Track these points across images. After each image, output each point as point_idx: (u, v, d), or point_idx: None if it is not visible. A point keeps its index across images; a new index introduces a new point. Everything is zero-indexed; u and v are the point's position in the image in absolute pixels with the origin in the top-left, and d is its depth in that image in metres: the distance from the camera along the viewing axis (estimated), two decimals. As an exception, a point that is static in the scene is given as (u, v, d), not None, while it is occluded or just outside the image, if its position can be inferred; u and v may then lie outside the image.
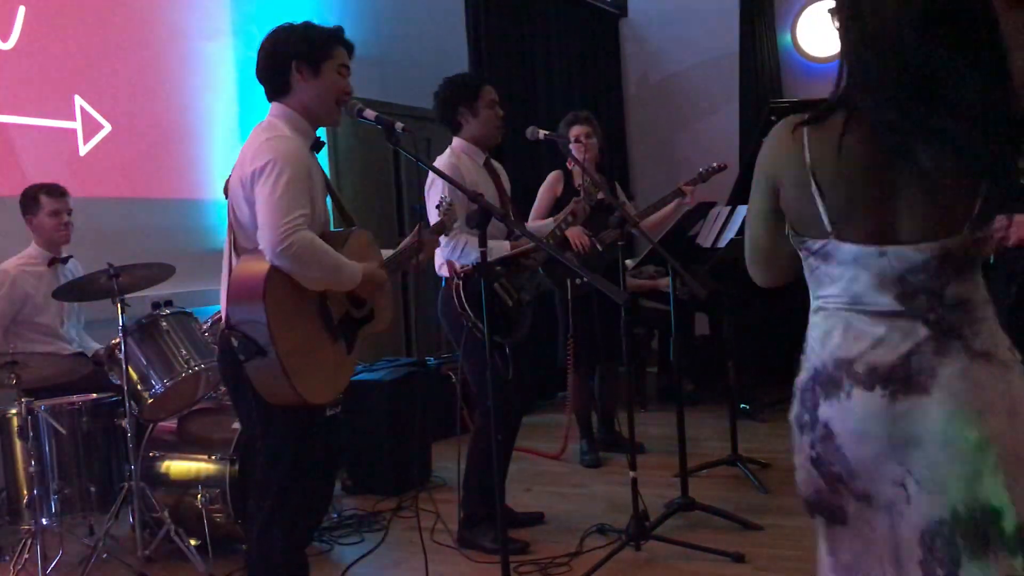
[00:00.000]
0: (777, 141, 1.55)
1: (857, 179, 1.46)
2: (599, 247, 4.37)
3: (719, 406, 5.18)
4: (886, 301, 1.48)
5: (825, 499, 1.56)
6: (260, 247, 2.49)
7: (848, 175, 1.46)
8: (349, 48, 2.78)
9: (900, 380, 1.46)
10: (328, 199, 2.81)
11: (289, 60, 2.64)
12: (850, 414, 1.49)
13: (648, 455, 4.84)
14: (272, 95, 2.70)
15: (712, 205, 5.64)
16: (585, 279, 3.55)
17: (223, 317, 2.61)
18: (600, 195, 4.02)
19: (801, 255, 1.59)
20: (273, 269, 2.47)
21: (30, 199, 4.09)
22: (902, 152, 1.42)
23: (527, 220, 4.56)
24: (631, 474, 3.50)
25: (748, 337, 5.42)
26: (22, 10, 4.61)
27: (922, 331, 1.47)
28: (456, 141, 3.79)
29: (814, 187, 1.49)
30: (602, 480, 4.65)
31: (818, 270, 1.55)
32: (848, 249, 1.49)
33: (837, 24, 1.50)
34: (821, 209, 1.49)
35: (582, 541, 3.64)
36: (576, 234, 4.41)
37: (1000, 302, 1.64)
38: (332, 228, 2.88)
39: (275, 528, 2.65)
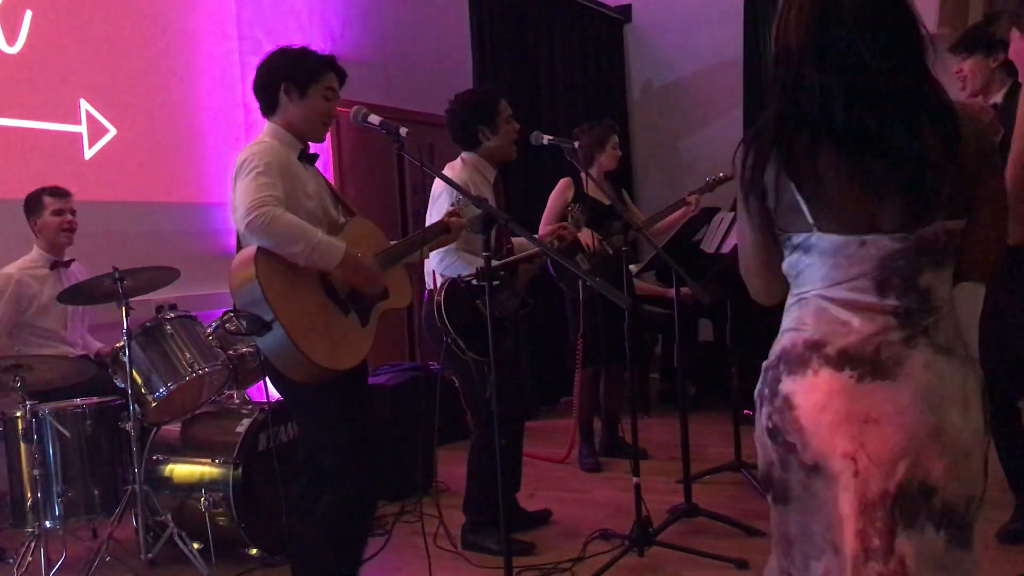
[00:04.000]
0: (752, 156, 1.63)
1: (834, 177, 1.55)
2: (609, 250, 4.38)
3: (722, 412, 5.18)
4: (863, 287, 1.57)
5: (775, 474, 1.67)
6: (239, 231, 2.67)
7: (825, 174, 1.55)
8: (341, 75, 2.92)
9: (869, 364, 1.55)
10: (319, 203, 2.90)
11: (280, 80, 2.82)
12: (815, 388, 1.59)
13: (651, 461, 4.84)
14: (264, 112, 2.91)
15: (716, 211, 5.64)
16: (590, 283, 3.55)
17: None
18: (585, 225, 4.04)
19: (786, 253, 1.66)
20: (261, 248, 2.62)
21: (34, 201, 4.12)
22: (868, 154, 1.53)
23: (532, 227, 4.59)
24: (634, 479, 3.50)
25: (751, 343, 5.40)
26: (29, 14, 4.63)
27: (891, 322, 1.56)
28: (468, 154, 3.78)
29: (794, 188, 1.57)
30: (605, 485, 4.65)
31: (799, 262, 1.63)
32: (830, 239, 1.57)
33: (785, 41, 1.60)
34: (803, 206, 1.57)
35: (585, 546, 3.64)
36: (586, 235, 4.44)
37: None
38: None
39: (320, 508, 2.79)
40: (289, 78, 2.81)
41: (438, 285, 3.60)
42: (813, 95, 1.55)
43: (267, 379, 2.92)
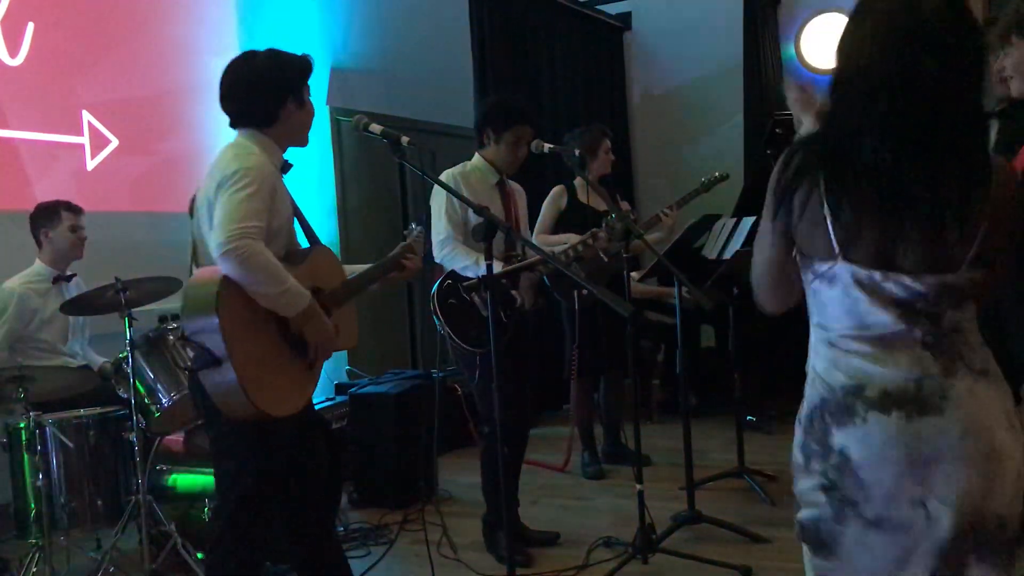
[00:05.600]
0: (792, 165, 1.58)
1: (865, 206, 1.51)
2: (604, 258, 4.38)
3: (725, 418, 5.18)
4: (888, 321, 1.53)
5: (824, 528, 1.61)
6: (210, 248, 2.47)
7: (857, 201, 1.51)
8: None
9: (913, 402, 1.52)
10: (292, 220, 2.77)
11: (285, 92, 2.65)
12: (869, 438, 1.53)
13: (654, 467, 4.83)
14: (247, 123, 2.68)
15: (717, 217, 5.64)
16: (590, 291, 3.56)
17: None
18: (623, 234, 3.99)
19: (805, 278, 1.62)
20: (227, 277, 2.44)
21: (50, 212, 4.12)
22: (901, 195, 1.49)
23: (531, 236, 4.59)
24: (637, 486, 3.50)
25: (754, 349, 5.41)
26: (31, 26, 4.64)
27: (926, 356, 1.53)
28: (476, 156, 3.84)
29: (826, 209, 1.52)
30: (608, 493, 4.65)
31: (821, 294, 1.59)
32: (852, 271, 1.53)
33: (855, 60, 1.55)
34: (831, 230, 1.52)
35: (589, 554, 3.64)
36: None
37: None
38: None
39: (223, 548, 2.64)
40: (292, 88, 2.66)
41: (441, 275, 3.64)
42: (868, 123, 1.51)
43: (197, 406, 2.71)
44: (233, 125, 2.71)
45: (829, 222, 1.52)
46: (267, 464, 2.61)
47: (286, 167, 2.73)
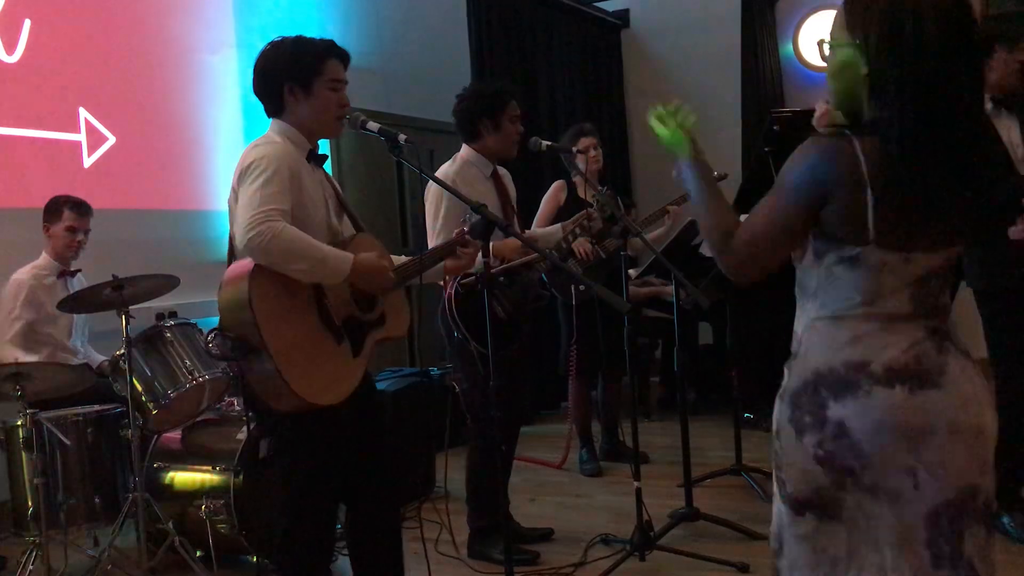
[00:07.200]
0: (834, 154, 1.59)
1: (901, 191, 1.56)
2: (602, 255, 4.38)
3: (723, 416, 5.18)
4: (899, 303, 1.61)
5: (825, 496, 1.65)
6: (237, 242, 2.49)
7: (895, 187, 1.56)
8: (343, 58, 2.73)
9: (915, 377, 1.59)
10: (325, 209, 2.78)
11: (281, 82, 2.65)
12: (872, 411, 1.59)
13: (652, 465, 4.84)
14: (269, 112, 2.73)
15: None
16: (588, 288, 3.56)
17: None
18: (611, 211, 4.00)
19: (822, 259, 1.65)
20: (257, 267, 2.45)
21: (54, 208, 4.12)
22: (924, 173, 1.56)
23: (530, 229, 4.57)
24: (635, 484, 3.50)
25: (751, 346, 5.41)
26: (27, 23, 4.64)
27: (922, 334, 1.62)
28: (465, 149, 3.76)
29: (870, 196, 1.56)
30: (606, 490, 4.65)
31: (839, 278, 1.63)
32: (881, 255, 1.59)
33: (878, 53, 1.59)
34: (870, 218, 1.57)
35: (586, 551, 3.64)
36: (580, 243, 4.40)
37: None
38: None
39: (293, 546, 2.66)
40: (290, 77, 2.64)
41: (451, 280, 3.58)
42: (944, 93, 1.55)
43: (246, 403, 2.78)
44: (266, 114, 2.75)
45: (870, 210, 1.56)
46: (318, 464, 2.63)
47: (318, 157, 2.73)
